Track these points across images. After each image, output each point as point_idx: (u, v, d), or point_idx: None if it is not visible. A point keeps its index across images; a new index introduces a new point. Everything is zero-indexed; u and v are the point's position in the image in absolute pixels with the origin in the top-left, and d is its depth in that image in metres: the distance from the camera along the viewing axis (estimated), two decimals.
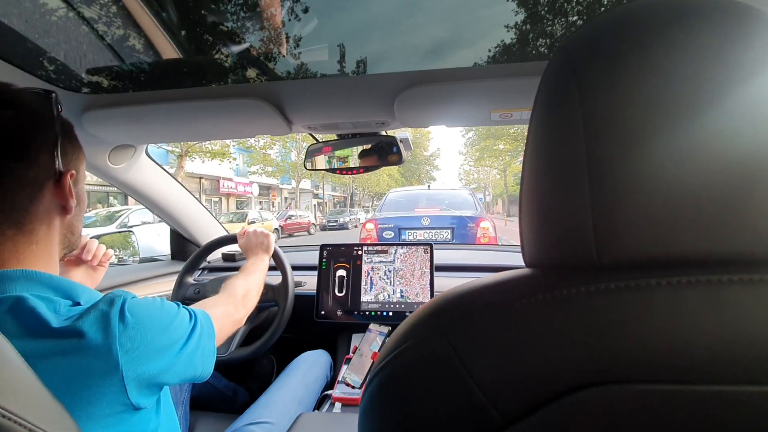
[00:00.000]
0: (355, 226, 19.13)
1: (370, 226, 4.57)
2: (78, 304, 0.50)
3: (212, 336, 0.64)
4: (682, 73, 0.22)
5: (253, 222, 12.16)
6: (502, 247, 1.85)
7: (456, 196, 5.41)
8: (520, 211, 0.29)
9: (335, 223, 18.72)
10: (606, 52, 0.24)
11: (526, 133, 0.29)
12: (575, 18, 0.74)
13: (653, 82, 0.23)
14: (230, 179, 19.09)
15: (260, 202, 23.10)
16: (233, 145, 15.64)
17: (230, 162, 14.78)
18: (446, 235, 4.42)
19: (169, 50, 0.99)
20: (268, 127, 1.00)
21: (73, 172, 0.56)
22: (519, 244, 0.30)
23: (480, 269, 1.37)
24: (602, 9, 0.73)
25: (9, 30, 0.81)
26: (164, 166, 1.27)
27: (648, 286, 0.22)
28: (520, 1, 0.71)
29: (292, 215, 16.27)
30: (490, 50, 0.78)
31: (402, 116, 0.93)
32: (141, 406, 0.50)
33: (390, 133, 1.08)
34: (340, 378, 1.07)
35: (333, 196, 32.29)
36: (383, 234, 4.45)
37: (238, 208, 19.15)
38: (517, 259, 1.08)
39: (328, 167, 1.08)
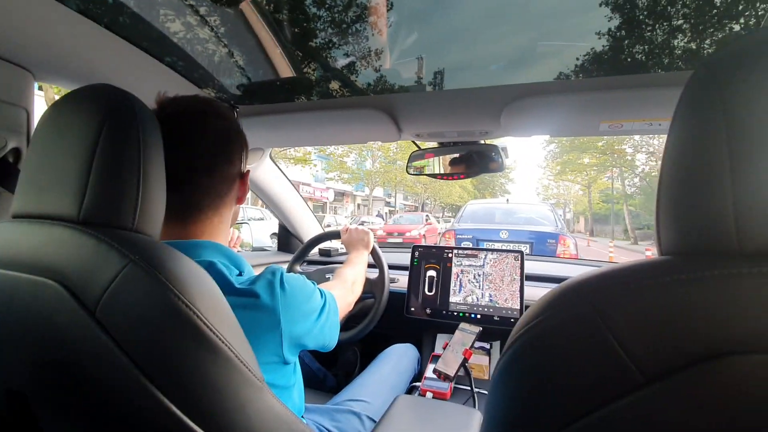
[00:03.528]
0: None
1: (448, 236, 4.69)
2: (241, 273, 0.63)
3: (337, 312, 0.75)
4: None
5: (329, 226, 12.82)
6: (585, 261, 1.78)
7: (536, 211, 5.37)
8: (657, 204, 0.33)
9: None
10: (749, 69, 0.28)
11: (664, 143, 0.33)
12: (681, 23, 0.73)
13: None
14: (308, 184, 20.19)
15: (335, 207, 24.15)
16: (314, 152, 16.63)
17: (311, 168, 15.74)
18: (525, 249, 4.35)
19: (285, 68, 1.15)
20: (381, 134, 1.12)
21: (249, 170, 0.71)
22: (604, 260, 0.32)
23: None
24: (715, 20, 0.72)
25: (189, 56, 1.02)
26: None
27: None
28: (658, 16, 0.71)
29: (365, 221, 16.78)
30: (596, 62, 0.80)
31: (508, 126, 0.98)
32: (288, 361, 0.62)
33: (490, 141, 1.14)
34: (427, 373, 1.13)
35: (405, 204, 32.60)
36: (461, 245, 4.50)
37: (314, 212, 20.27)
38: None
39: (429, 173, 1.17)
